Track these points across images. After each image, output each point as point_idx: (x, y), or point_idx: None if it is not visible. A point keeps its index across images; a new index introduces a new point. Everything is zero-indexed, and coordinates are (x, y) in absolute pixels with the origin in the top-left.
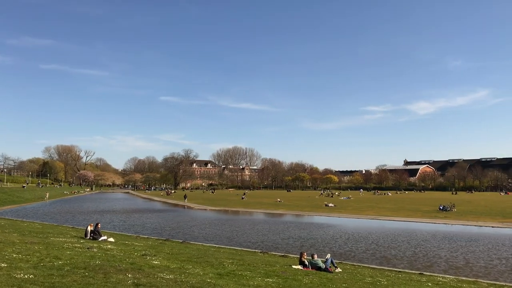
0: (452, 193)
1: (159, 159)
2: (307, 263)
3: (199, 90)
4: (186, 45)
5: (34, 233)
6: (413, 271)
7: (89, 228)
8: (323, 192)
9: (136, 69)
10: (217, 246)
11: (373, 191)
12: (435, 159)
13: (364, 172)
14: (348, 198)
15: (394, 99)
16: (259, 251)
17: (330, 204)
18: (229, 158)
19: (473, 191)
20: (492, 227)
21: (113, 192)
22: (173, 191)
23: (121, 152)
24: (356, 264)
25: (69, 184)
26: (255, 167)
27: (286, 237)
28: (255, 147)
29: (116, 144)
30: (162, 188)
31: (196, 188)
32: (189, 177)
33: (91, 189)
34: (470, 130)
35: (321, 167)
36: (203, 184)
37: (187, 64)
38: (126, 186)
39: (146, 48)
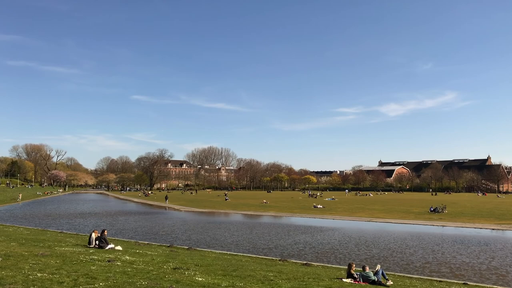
0: (432, 194)
1: (133, 159)
2: (356, 275)
3: (171, 89)
4: (158, 43)
5: (32, 241)
6: (455, 281)
7: (93, 235)
8: (310, 192)
9: (106, 67)
10: (229, 253)
11: (355, 192)
12: (409, 160)
13: (338, 172)
14: (332, 199)
15: (366, 101)
16: (277, 258)
17: (319, 206)
18: (204, 158)
19: (450, 192)
20: (493, 229)
21: (87, 192)
22: (150, 192)
23: (91, 151)
24: (389, 273)
25: (40, 185)
26: (231, 168)
27: (293, 242)
28: (229, 147)
29: (86, 144)
30: (137, 189)
31: (172, 189)
32: (165, 177)
33: (64, 189)
34: (439, 132)
35: (295, 167)
36: (179, 184)
37: (159, 63)
38: (99, 186)
39: (117, 46)
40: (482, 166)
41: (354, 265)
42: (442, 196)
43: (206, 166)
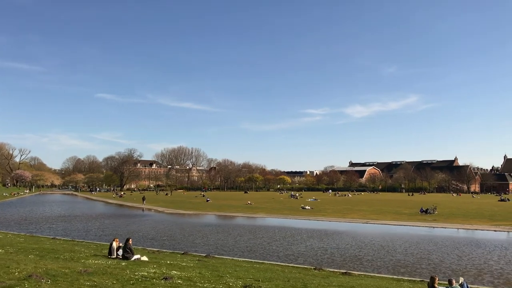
0: (408, 195)
1: (100, 158)
2: None
3: (137, 87)
4: (124, 41)
5: (46, 252)
6: None
7: (115, 245)
8: (292, 193)
9: (70, 65)
10: (254, 261)
11: (334, 192)
12: (379, 161)
13: (308, 172)
14: (315, 199)
15: (332, 103)
16: (312, 267)
17: (307, 207)
18: (174, 158)
19: (425, 193)
20: (495, 231)
21: (54, 193)
22: (122, 193)
23: (54, 150)
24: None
25: (4, 185)
26: (202, 168)
27: (307, 248)
28: (196, 147)
29: (48, 143)
30: (107, 189)
31: (144, 190)
32: (135, 177)
33: (30, 190)
34: (404, 134)
35: (266, 167)
36: (151, 185)
37: (125, 61)
38: (65, 187)
39: (82, 43)
40: (450, 167)
41: (437, 279)
42: (418, 196)
43: (176, 166)
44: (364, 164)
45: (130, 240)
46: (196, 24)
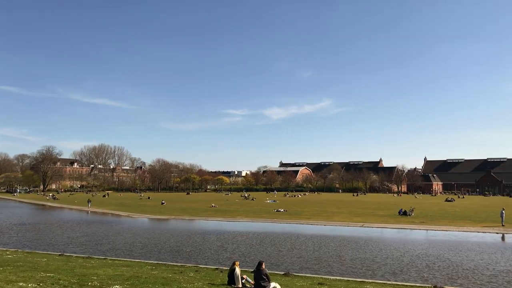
0: (353, 195)
1: (10, 156)
2: None
3: (46, 81)
4: (32, 31)
5: (147, 285)
6: None
7: (238, 271)
8: (245, 194)
9: None
10: (359, 280)
11: (284, 193)
12: (307, 161)
13: (236, 172)
14: (274, 201)
15: (251, 104)
16: (431, 285)
17: (281, 209)
18: (95, 157)
19: (365, 193)
20: (497, 233)
21: None
22: (51, 194)
23: None
24: None
25: None
26: (126, 167)
27: (364, 261)
28: (116, 145)
29: None
30: (27, 190)
31: (70, 191)
32: (60, 177)
33: None
34: (324, 135)
35: (202, 167)
36: (77, 185)
37: (32, 51)
38: None
39: None
40: (376, 168)
41: None
42: (364, 197)
43: (99, 166)
44: (294, 165)
45: (263, 264)
46: (113, 20)
